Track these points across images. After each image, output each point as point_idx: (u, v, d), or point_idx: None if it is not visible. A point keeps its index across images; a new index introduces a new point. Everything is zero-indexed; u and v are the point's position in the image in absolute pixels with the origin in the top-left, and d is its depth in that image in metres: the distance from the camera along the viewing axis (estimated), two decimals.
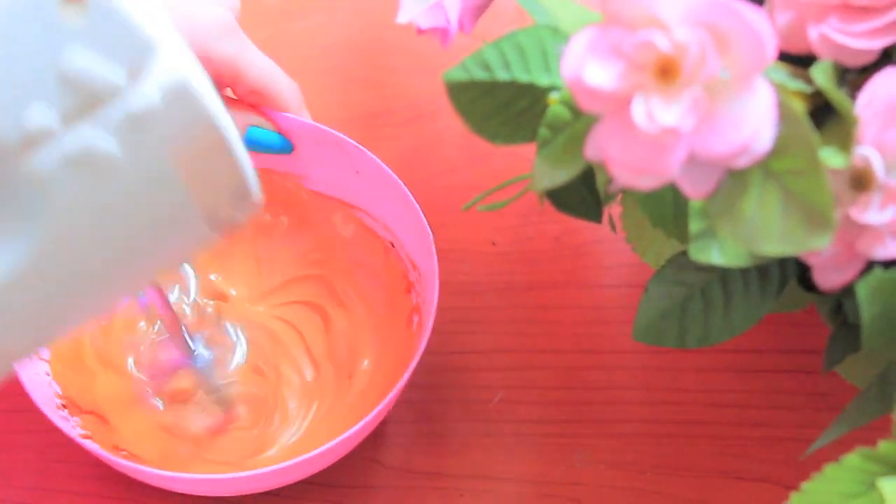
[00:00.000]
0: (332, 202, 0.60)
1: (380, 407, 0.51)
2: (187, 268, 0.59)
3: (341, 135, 0.57)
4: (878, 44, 0.37)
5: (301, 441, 0.56)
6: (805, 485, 0.36)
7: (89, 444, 0.51)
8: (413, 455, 0.57)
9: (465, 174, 0.63)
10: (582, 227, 0.61)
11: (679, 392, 0.57)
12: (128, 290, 0.43)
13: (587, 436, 0.57)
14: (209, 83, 0.37)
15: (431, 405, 0.58)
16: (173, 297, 0.58)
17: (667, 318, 0.43)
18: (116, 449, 0.54)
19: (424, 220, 0.55)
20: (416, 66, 0.67)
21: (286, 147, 0.56)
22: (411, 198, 0.55)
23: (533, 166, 0.39)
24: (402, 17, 0.52)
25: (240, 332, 0.58)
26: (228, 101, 0.54)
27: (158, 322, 0.58)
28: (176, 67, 0.35)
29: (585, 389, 0.58)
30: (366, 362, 0.58)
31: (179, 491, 0.54)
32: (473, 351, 0.59)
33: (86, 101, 0.34)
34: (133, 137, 0.35)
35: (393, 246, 0.58)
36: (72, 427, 0.53)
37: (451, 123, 0.43)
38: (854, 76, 0.38)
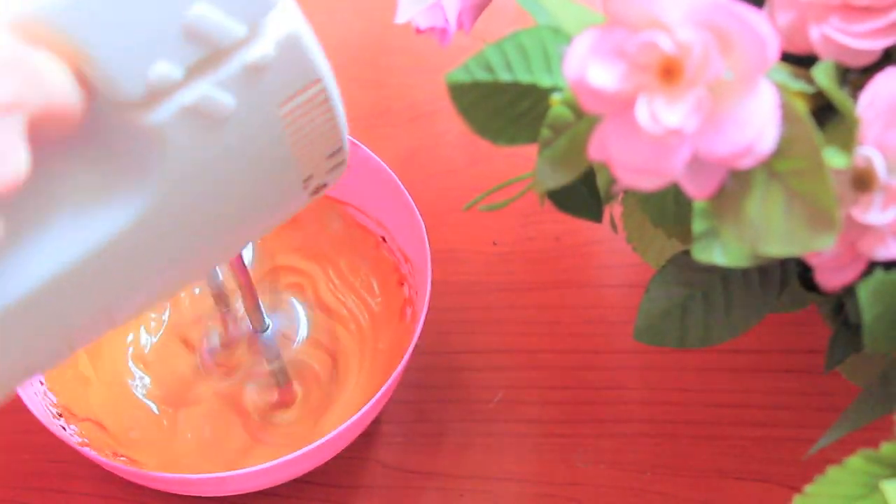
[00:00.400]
0: (320, 200, 0.60)
1: (371, 402, 0.51)
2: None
3: None
4: (880, 44, 0.37)
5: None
6: (808, 487, 0.36)
7: (89, 452, 0.51)
8: (412, 455, 0.57)
9: (465, 174, 0.63)
10: (583, 227, 0.61)
11: (680, 392, 0.57)
12: (223, 254, 0.43)
13: (587, 436, 0.57)
14: (315, 39, 0.38)
15: (431, 405, 0.58)
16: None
17: (667, 318, 0.43)
18: (115, 455, 0.54)
19: (416, 210, 0.55)
20: (417, 66, 0.67)
21: None
22: (403, 189, 0.55)
23: (535, 167, 0.39)
24: (401, 17, 0.52)
25: (302, 307, 0.58)
26: None
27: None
28: (289, 21, 0.36)
29: (585, 389, 0.58)
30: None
31: (177, 492, 0.54)
32: (473, 351, 0.59)
33: (209, 54, 0.34)
34: (247, 90, 0.36)
35: (384, 240, 0.58)
36: (70, 435, 0.53)
37: (452, 124, 0.43)
38: (856, 76, 0.38)
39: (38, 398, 0.53)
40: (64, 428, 0.53)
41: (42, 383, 0.55)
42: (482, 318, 0.60)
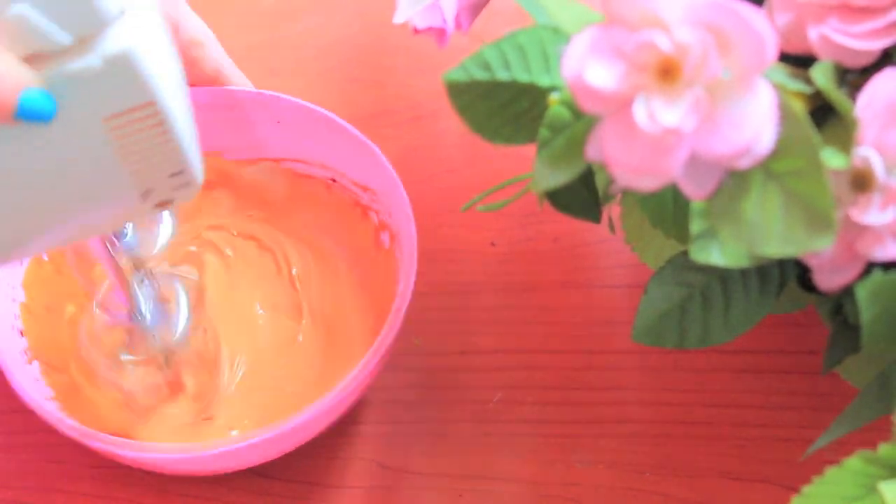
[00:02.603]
0: (254, 162, 0.60)
1: (354, 373, 0.50)
2: (166, 215, 0.57)
3: (252, 89, 0.57)
4: (879, 44, 0.37)
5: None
6: (806, 488, 0.36)
7: (83, 431, 0.51)
8: (413, 455, 0.57)
9: (464, 174, 0.63)
10: (581, 228, 0.61)
11: (679, 392, 0.57)
12: (54, 243, 0.44)
13: (587, 436, 0.57)
14: (167, 61, 0.38)
15: (431, 405, 0.58)
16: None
17: (666, 318, 0.43)
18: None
19: (359, 135, 0.54)
20: (416, 66, 0.67)
21: None
22: (339, 121, 0.55)
23: (533, 167, 0.39)
24: (399, 18, 0.52)
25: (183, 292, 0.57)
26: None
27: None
28: (128, 40, 0.36)
29: (585, 390, 0.58)
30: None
31: (171, 472, 0.53)
32: (473, 351, 0.59)
33: (27, 55, 0.35)
34: (70, 97, 0.36)
35: (334, 181, 0.58)
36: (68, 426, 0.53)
37: (451, 124, 0.43)
38: (854, 77, 0.38)
39: (36, 387, 0.53)
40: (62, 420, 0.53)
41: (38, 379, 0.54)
42: (481, 318, 0.60)
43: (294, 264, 0.59)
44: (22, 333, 0.55)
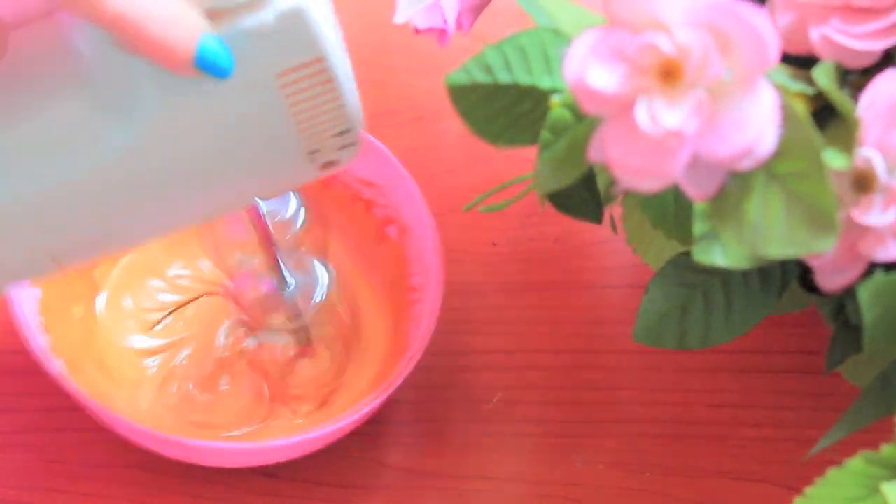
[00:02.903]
0: None
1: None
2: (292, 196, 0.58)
3: None
4: (881, 45, 0.37)
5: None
6: (808, 489, 0.36)
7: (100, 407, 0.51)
8: (413, 455, 0.57)
9: (465, 175, 0.63)
10: (582, 228, 0.61)
11: (679, 393, 0.57)
12: (220, 205, 0.44)
13: (587, 436, 0.57)
14: (331, 18, 0.38)
15: (431, 405, 0.58)
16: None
17: (667, 319, 0.43)
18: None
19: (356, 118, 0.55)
20: (417, 66, 0.67)
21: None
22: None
23: (534, 168, 0.39)
24: (399, 18, 0.52)
25: (324, 267, 0.58)
26: None
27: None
28: None
29: (585, 390, 0.58)
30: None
31: (166, 454, 0.53)
32: (473, 351, 0.59)
33: (205, 10, 0.36)
34: (244, 54, 0.36)
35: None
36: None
37: (452, 124, 0.43)
38: (856, 77, 0.38)
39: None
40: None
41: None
42: (482, 318, 0.60)
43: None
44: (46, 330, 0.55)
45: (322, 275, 0.57)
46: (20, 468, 0.56)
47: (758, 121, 0.32)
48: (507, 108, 0.40)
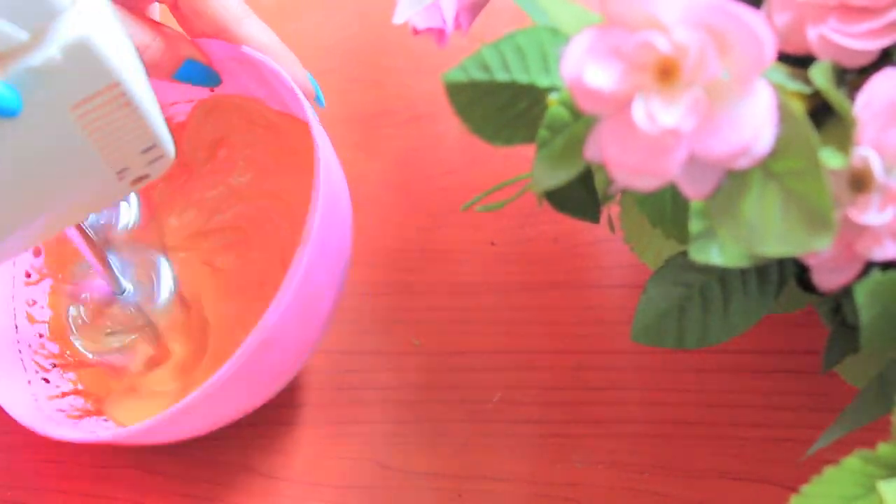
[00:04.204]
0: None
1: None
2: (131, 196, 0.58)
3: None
4: (877, 44, 0.37)
5: None
6: (805, 488, 0.36)
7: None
8: (412, 455, 0.57)
9: (463, 175, 0.63)
10: (581, 228, 0.61)
11: (678, 392, 0.57)
12: (48, 230, 0.44)
13: (586, 436, 0.57)
14: (121, 41, 0.38)
15: (431, 405, 0.58)
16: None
17: (665, 318, 0.43)
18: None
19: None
20: (416, 66, 0.67)
21: (215, 80, 0.55)
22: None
23: (532, 167, 0.39)
24: (398, 18, 0.52)
25: (167, 265, 0.58)
26: (154, 24, 0.52)
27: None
28: (81, 26, 0.36)
29: (584, 390, 0.58)
30: None
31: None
32: (472, 351, 0.59)
33: None
34: (35, 92, 0.37)
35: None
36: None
37: (451, 124, 0.43)
38: (853, 77, 0.38)
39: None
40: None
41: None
42: (480, 318, 0.60)
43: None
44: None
45: (165, 271, 0.58)
46: (19, 468, 0.56)
47: (755, 119, 0.32)
48: (504, 107, 0.40)
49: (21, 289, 0.58)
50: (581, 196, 0.44)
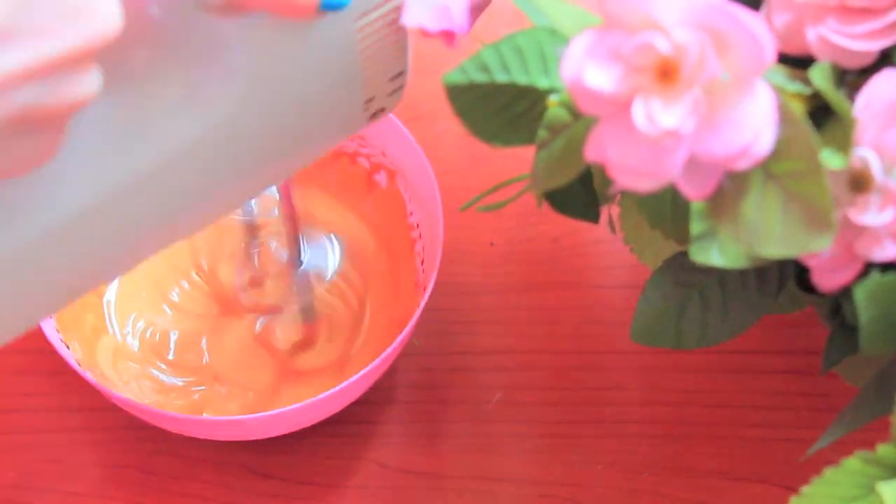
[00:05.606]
0: None
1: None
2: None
3: None
4: (877, 45, 0.37)
5: None
6: (805, 488, 0.36)
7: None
8: (413, 455, 0.57)
9: (463, 176, 0.63)
10: (580, 228, 0.61)
11: (677, 393, 0.57)
12: (284, 171, 0.45)
13: (586, 436, 0.57)
14: None
15: (431, 405, 0.58)
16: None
17: (664, 318, 0.43)
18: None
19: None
20: (415, 67, 0.67)
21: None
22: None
23: (532, 168, 0.39)
24: (408, 20, 0.51)
25: (336, 243, 0.59)
26: None
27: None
28: None
29: (584, 390, 0.58)
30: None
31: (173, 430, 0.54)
32: (472, 351, 0.59)
33: None
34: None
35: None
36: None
37: (450, 124, 0.43)
38: (852, 78, 0.38)
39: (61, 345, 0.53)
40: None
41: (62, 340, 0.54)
42: (480, 318, 0.60)
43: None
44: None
45: (334, 251, 0.58)
46: (20, 468, 0.56)
47: (755, 121, 0.32)
48: (503, 108, 0.40)
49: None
50: (581, 197, 0.44)
